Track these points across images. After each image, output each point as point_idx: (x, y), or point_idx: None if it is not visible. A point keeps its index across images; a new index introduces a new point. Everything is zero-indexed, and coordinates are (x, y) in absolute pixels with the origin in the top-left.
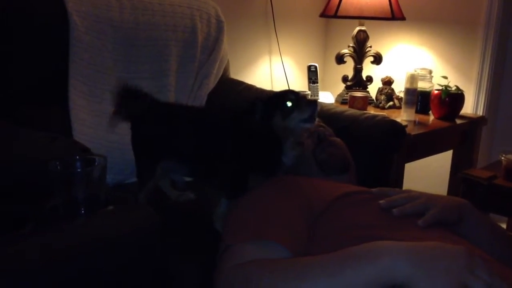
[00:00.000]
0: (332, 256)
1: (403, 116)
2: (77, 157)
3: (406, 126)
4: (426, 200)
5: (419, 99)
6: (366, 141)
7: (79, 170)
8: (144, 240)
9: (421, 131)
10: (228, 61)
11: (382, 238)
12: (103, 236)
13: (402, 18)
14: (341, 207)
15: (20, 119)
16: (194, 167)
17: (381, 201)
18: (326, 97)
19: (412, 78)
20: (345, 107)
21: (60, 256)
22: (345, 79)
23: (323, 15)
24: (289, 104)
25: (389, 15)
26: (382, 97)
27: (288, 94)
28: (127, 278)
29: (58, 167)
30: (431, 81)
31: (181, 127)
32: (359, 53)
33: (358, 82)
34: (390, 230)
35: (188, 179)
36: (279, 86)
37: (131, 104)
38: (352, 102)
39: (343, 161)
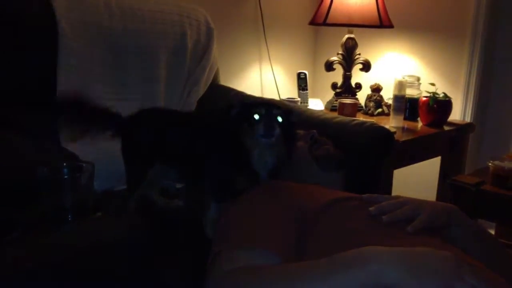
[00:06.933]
0: (321, 262)
1: (391, 123)
2: (65, 163)
3: (394, 132)
4: (415, 206)
5: (407, 106)
6: (355, 147)
7: (66, 176)
8: (132, 246)
9: (409, 137)
10: (218, 68)
11: (371, 244)
12: (91, 242)
13: (390, 26)
14: (331, 213)
15: (8, 125)
16: (185, 170)
17: (370, 208)
18: (316, 104)
19: (401, 85)
20: (334, 114)
21: (47, 262)
22: (334, 86)
23: (312, 23)
24: (256, 117)
25: (378, 23)
26: (371, 104)
27: (259, 106)
28: (115, 284)
29: (46, 173)
30: (419, 88)
31: (171, 131)
32: (348, 61)
33: (347, 89)
34: (379, 237)
35: (179, 185)
36: (269, 92)
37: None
38: (341, 109)
39: (339, 157)
